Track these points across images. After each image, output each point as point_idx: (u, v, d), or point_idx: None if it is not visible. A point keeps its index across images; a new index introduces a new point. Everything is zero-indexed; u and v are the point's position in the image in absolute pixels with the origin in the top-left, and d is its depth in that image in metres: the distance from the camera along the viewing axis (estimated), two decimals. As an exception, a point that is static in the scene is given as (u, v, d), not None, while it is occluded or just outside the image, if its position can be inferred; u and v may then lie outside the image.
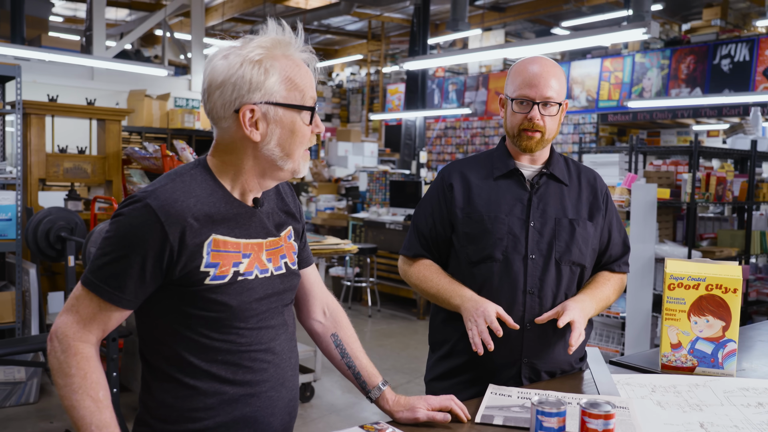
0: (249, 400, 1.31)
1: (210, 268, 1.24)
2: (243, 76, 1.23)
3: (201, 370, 1.27)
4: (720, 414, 1.51)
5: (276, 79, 1.24)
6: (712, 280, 1.77)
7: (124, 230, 1.21)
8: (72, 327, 1.22)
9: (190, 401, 1.28)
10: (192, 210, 1.23)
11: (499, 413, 1.48)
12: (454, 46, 14.60)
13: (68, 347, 1.21)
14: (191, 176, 1.28)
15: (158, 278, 1.23)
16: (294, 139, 1.28)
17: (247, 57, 1.23)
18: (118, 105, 7.31)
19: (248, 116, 1.24)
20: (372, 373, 1.53)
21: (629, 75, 10.76)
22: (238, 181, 1.31)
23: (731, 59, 9.65)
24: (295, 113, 1.27)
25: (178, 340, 1.27)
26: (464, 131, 13.26)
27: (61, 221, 4.12)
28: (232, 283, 1.27)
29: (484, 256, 1.80)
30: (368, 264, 7.17)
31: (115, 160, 5.17)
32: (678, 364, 1.81)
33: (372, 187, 8.53)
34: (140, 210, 1.21)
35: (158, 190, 1.23)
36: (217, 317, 1.26)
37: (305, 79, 1.28)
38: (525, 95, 1.76)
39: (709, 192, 4.60)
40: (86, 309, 1.22)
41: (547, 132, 1.79)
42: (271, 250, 1.35)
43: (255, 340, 1.31)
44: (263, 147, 1.27)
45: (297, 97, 1.27)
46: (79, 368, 1.20)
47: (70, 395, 1.19)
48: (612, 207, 1.92)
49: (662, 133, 11.45)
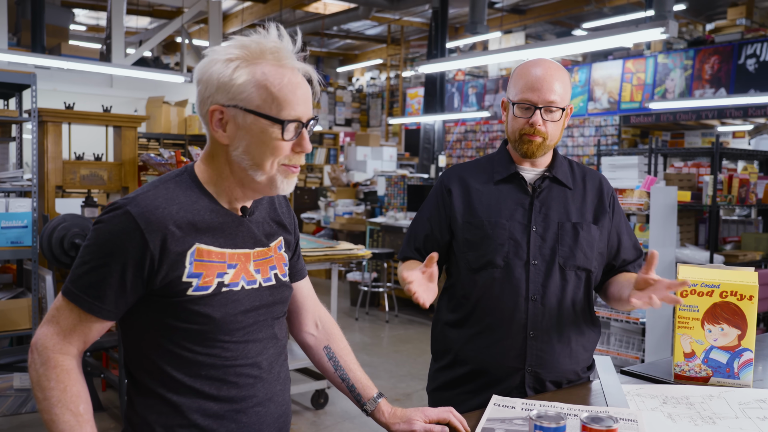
0: (235, 416, 1.26)
1: (192, 279, 1.20)
2: (213, 74, 1.19)
3: (184, 385, 1.23)
4: (734, 427, 1.44)
5: (245, 82, 1.18)
6: (726, 287, 1.69)
7: (104, 238, 1.18)
8: (52, 338, 1.19)
9: (173, 418, 1.24)
10: (174, 217, 1.19)
11: (500, 426, 1.42)
12: (474, 49, 14.53)
13: (47, 359, 1.18)
14: (176, 183, 1.24)
15: (139, 288, 1.19)
16: (264, 150, 1.20)
17: (223, 56, 1.19)
18: (137, 112, 7.37)
19: (217, 116, 1.20)
20: (367, 385, 1.48)
21: (652, 76, 10.59)
22: (222, 189, 1.27)
23: (757, 59, 9.45)
24: (266, 124, 1.20)
25: (161, 353, 1.23)
26: (484, 134, 13.16)
27: (75, 228, 4.13)
28: (216, 294, 1.22)
29: (484, 263, 1.75)
30: (385, 269, 7.12)
31: (132, 166, 5.20)
32: (692, 374, 1.73)
33: (390, 191, 8.49)
34: (120, 217, 1.17)
35: (140, 196, 1.20)
36: (200, 330, 1.22)
37: (286, 92, 1.19)
38: (527, 99, 1.70)
39: (732, 194, 4.48)
40: (66, 320, 1.19)
41: (549, 137, 1.73)
42: (260, 261, 1.31)
43: (241, 354, 1.27)
44: (232, 152, 1.23)
45: (271, 108, 1.19)
46: (59, 381, 1.16)
47: (50, 409, 1.15)
48: (619, 210, 1.86)
49: (686, 134, 11.26)
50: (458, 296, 1.83)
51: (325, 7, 12.53)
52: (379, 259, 6.82)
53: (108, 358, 4.55)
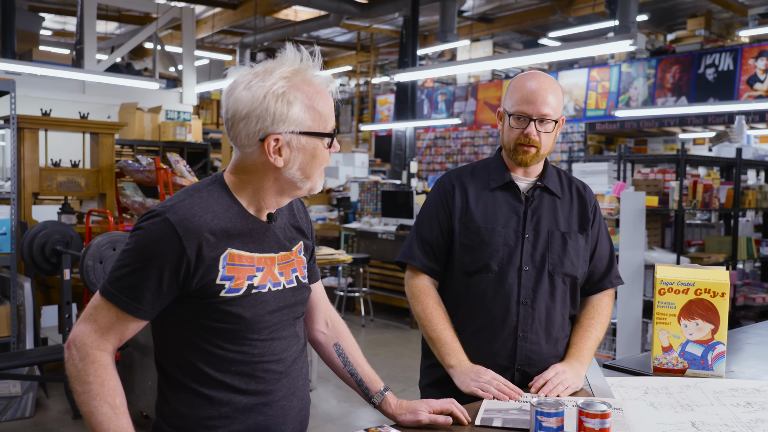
0: (262, 409, 1.35)
1: (225, 281, 1.28)
2: (267, 109, 1.26)
3: (215, 380, 1.31)
4: (711, 413, 1.57)
5: (299, 109, 1.28)
6: (700, 285, 1.83)
7: (144, 243, 1.25)
8: (90, 336, 1.25)
9: (204, 410, 1.31)
10: (209, 225, 1.28)
11: (498, 415, 1.53)
12: (442, 56, 14.74)
13: (86, 355, 1.24)
14: (208, 192, 1.32)
15: (174, 290, 1.27)
16: (315, 163, 1.33)
17: (271, 90, 1.26)
18: (110, 118, 7.34)
19: (272, 145, 1.28)
20: (374, 379, 1.58)
21: (616, 84, 10.91)
22: (255, 199, 1.36)
23: (716, 68, 9.81)
24: (317, 140, 1.32)
25: (193, 351, 1.31)
26: (454, 141, 13.36)
27: (56, 235, 4.14)
28: (246, 296, 1.31)
29: (480, 267, 1.84)
30: (361, 274, 7.21)
31: (109, 173, 5.20)
32: (669, 366, 1.86)
33: (363, 197, 8.58)
34: (159, 224, 1.25)
35: (177, 205, 1.28)
36: (232, 329, 1.30)
37: (326, 106, 1.32)
38: (522, 111, 1.80)
39: (696, 199, 4.69)
40: (104, 318, 1.26)
41: (543, 147, 1.83)
42: (283, 264, 1.40)
43: (267, 351, 1.35)
44: (285, 171, 1.32)
45: (320, 125, 1.31)
46: (97, 376, 1.24)
47: (89, 401, 1.22)
48: (599, 220, 1.96)
49: (649, 141, 11.61)
50: (451, 297, 1.92)
51: (296, 14, 12.59)
52: (355, 265, 6.91)
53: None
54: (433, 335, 1.84)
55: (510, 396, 1.64)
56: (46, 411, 4.25)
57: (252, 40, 13.57)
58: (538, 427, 1.27)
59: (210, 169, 7.59)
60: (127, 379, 3.96)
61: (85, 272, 3.38)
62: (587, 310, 1.93)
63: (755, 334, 2.45)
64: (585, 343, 1.84)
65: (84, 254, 3.41)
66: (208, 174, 7.27)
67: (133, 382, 3.92)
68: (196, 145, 7.25)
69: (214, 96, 13.81)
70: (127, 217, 5.45)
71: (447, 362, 1.79)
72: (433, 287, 1.91)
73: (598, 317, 1.91)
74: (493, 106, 12.69)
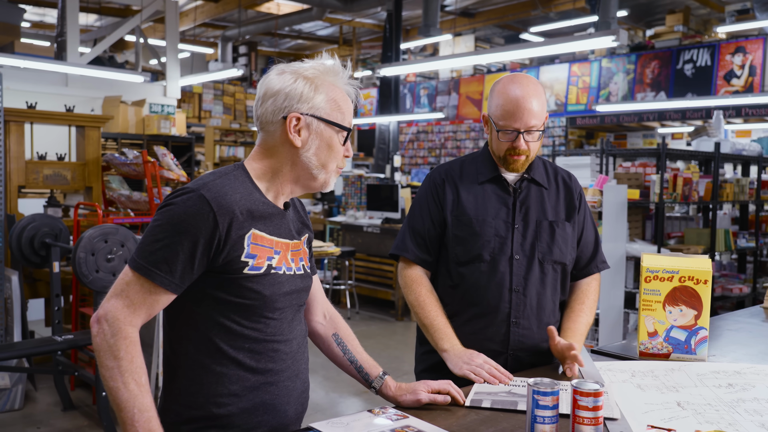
0: (268, 388, 1.41)
1: (249, 259, 1.35)
2: (295, 88, 1.39)
3: (228, 356, 1.37)
4: (695, 394, 1.65)
5: (323, 97, 1.40)
6: (684, 272, 1.91)
7: (178, 218, 1.30)
8: (122, 311, 1.29)
9: (215, 387, 1.37)
10: (238, 204, 1.35)
11: (487, 397, 1.60)
12: (424, 50, 14.79)
13: (118, 330, 1.27)
14: (234, 176, 1.39)
15: (204, 265, 1.33)
16: (330, 153, 1.43)
17: (302, 74, 1.40)
18: (94, 111, 7.29)
19: (293, 123, 1.39)
20: (373, 365, 1.65)
21: (596, 79, 11.05)
22: (274, 185, 1.44)
23: (694, 64, 9.98)
24: (333, 131, 1.43)
25: (211, 325, 1.36)
26: (436, 135, 13.44)
27: (45, 228, 4.14)
28: (266, 275, 1.38)
29: (472, 257, 1.91)
30: (347, 267, 7.26)
31: (95, 166, 5.19)
32: (654, 351, 1.94)
33: (347, 191, 8.63)
34: (195, 200, 1.31)
35: (209, 184, 1.34)
36: (251, 305, 1.37)
37: (347, 106, 1.45)
38: (509, 126, 1.84)
39: (676, 192, 4.81)
40: (136, 293, 1.29)
41: (532, 153, 1.89)
42: (294, 252, 1.47)
43: (278, 331, 1.42)
44: (302, 154, 1.41)
45: (339, 117, 1.43)
46: (127, 352, 1.27)
47: (117, 377, 1.26)
48: (584, 207, 2.03)
49: (628, 135, 11.78)
50: (445, 287, 1.98)
51: (279, 7, 12.56)
52: (340, 258, 6.96)
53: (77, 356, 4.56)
54: (427, 321, 1.90)
55: (500, 380, 1.71)
56: (35, 403, 4.25)
57: (234, 33, 13.52)
58: (535, 406, 1.33)
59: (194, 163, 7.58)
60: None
61: (77, 264, 3.40)
62: (576, 295, 2.01)
63: (734, 321, 2.56)
64: (577, 328, 1.93)
65: (76, 246, 3.42)
66: (193, 167, 7.26)
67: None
68: (180, 139, 7.23)
69: (195, 90, 13.74)
70: (113, 210, 5.45)
71: (440, 346, 1.86)
72: (425, 276, 1.98)
73: (587, 302, 1.99)
74: (475, 100, 12.78)
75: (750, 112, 9.40)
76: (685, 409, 1.55)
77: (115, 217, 4.63)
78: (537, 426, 1.34)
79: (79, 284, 4.45)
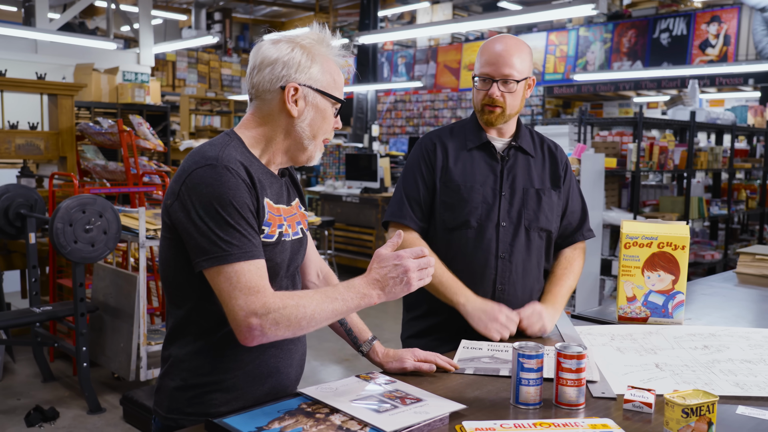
0: (273, 351, 1.42)
1: (266, 227, 1.37)
2: (293, 57, 1.38)
3: None
4: (672, 356, 1.70)
5: (318, 69, 1.40)
6: (663, 239, 1.95)
7: (228, 197, 1.28)
8: (257, 301, 1.26)
9: (221, 352, 1.37)
10: (254, 173, 1.35)
11: (470, 364, 1.63)
12: (402, 18, 14.64)
13: (277, 308, 1.26)
14: (233, 146, 1.37)
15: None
16: (323, 125, 1.43)
17: (298, 42, 1.40)
18: (65, 79, 7.12)
19: (292, 93, 1.38)
20: (362, 329, 1.66)
21: (574, 48, 11.06)
22: (267, 153, 1.43)
23: (670, 33, 10.03)
24: (329, 103, 1.42)
25: None
26: (414, 104, 13.39)
27: (20, 198, 4.07)
28: (278, 243, 1.39)
29: (460, 223, 1.93)
30: (326, 236, 7.27)
31: (69, 135, 5.09)
32: (633, 315, 1.99)
33: (326, 160, 8.60)
34: (225, 174, 1.29)
35: (221, 156, 1.31)
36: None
37: (340, 78, 1.46)
38: (485, 73, 1.89)
39: (653, 161, 4.87)
40: (247, 280, 1.27)
41: (508, 108, 1.91)
42: (290, 216, 1.47)
43: None
44: (297, 123, 1.40)
45: (334, 89, 1.43)
46: (299, 305, 1.28)
47: (316, 316, 1.30)
48: (570, 176, 2.07)
49: (605, 105, 11.85)
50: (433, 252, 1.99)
51: (253, -27, 12.32)
52: (320, 228, 6.96)
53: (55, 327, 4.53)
54: (434, 280, 1.85)
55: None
56: (14, 375, 4.23)
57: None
58: (520, 369, 1.37)
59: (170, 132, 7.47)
60: (98, 341, 3.97)
61: (55, 235, 3.36)
62: (560, 261, 2.05)
63: (708, 285, 2.62)
64: (559, 291, 1.96)
65: (53, 217, 3.37)
66: (169, 137, 7.16)
67: (104, 345, 3.93)
68: (155, 108, 7.10)
69: (169, 57, 13.48)
70: (88, 180, 5.37)
71: (456, 300, 1.86)
72: (422, 240, 1.97)
73: (571, 268, 2.03)
74: (453, 69, 12.73)
75: (724, 82, 9.51)
76: (663, 370, 1.60)
77: (92, 188, 4.56)
78: (522, 388, 1.37)
79: (56, 255, 4.40)
